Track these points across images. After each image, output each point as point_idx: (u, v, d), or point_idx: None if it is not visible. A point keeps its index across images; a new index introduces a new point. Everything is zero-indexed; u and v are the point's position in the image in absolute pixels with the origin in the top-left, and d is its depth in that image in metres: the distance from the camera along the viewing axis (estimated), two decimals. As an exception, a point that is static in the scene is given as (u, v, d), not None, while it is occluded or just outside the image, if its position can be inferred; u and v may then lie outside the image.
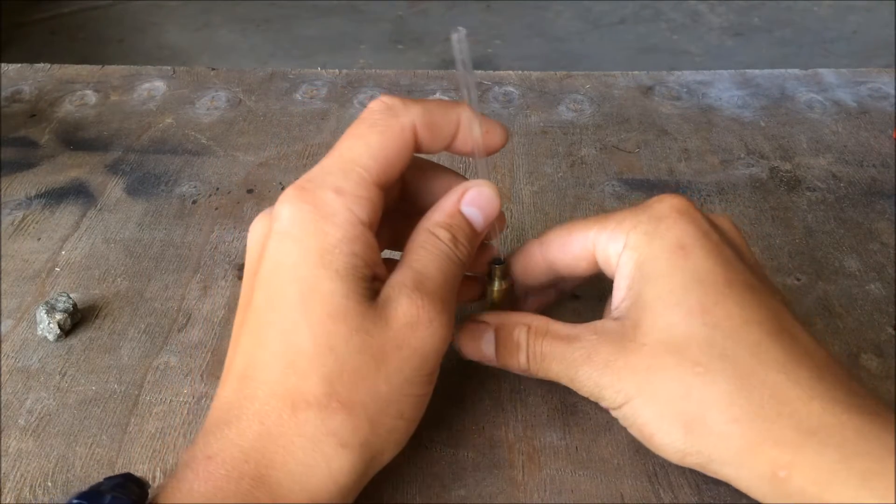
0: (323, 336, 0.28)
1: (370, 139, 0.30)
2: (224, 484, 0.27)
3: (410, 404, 0.30)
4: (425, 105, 0.32)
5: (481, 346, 0.35)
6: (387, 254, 0.36)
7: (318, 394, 0.28)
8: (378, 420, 0.28)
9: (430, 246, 0.31)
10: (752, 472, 0.29)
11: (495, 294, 0.37)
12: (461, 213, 0.32)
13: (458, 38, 0.30)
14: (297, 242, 0.29)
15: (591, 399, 0.32)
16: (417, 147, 0.32)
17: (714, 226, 0.33)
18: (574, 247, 0.34)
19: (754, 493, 0.29)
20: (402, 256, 0.32)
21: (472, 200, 0.32)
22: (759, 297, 0.31)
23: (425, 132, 0.31)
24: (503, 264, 0.36)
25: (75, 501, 0.26)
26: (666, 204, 0.32)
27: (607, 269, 0.34)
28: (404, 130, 0.31)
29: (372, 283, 0.30)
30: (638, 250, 0.32)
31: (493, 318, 0.35)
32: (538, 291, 0.38)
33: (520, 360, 0.34)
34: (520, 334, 0.34)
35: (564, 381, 0.33)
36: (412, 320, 0.29)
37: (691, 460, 0.30)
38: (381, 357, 0.28)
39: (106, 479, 0.27)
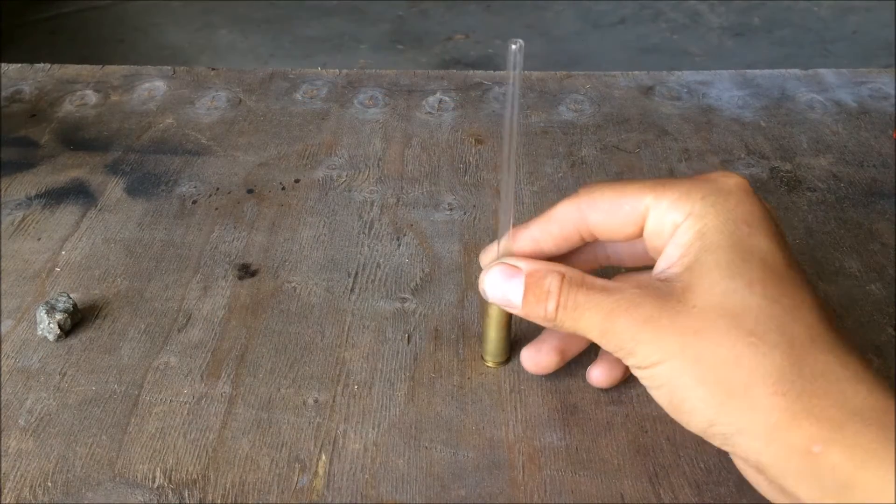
0: None
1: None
2: None
3: None
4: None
5: (507, 290, 0.33)
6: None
7: None
8: None
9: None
10: (783, 446, 0.28)
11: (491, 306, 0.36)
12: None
13: (517, 49, 0.30)
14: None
15: (618, 355, 0.31)
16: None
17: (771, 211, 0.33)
18: (624, 210, 0.33)
19: (777, 468, 0.29)
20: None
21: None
22: (810, 285, 0.31)
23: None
24: None
25: None
26: (732, 181, 0.32)
27: (655, 237, 0.33)
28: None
29: None
30: (703, 220, 0.31)
31: (523, 262, 0.34)
32: (562, 261, 0.36)
33: (547, 308, 0.32)
34: (552, 281, 0.32)
35: (593, 334, 0.32)
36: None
37: (716, 430, 0.30)
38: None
39: None
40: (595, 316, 0.31)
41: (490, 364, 0.39)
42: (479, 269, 0.44)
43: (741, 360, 0.29)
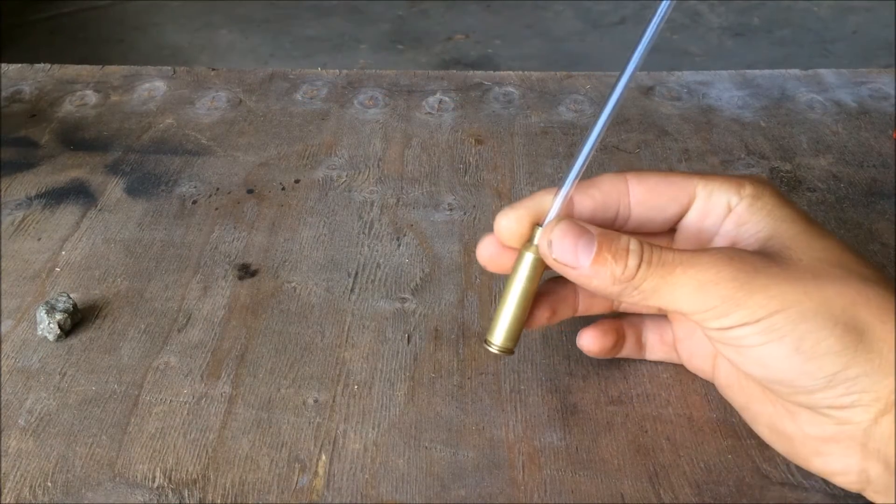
0: None
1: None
2: None
3: None
4: None
5: (576, 247, 0.31)
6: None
7: None
8: None
9: None
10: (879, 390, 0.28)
11: (531, 261, 0.33)
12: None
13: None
14: None
15: (712, 314, 0.30)
16: None
17: None
18: (671, 189, 0.34)
19: (857, 416, 0.29)
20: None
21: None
22: None
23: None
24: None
25: None
26: (763, 178, 0.34)
27: (704, 218, 0.34)
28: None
29: None
30: (762, 199, 0.32)
31: (594, 227, 0.32)
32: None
33: (628, 265, 0.30)
34: (630, 240, 0.31)
35: (687, 290, 0.30)
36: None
37: (847, 374, 0.29)
38: None
39: None
40: (689, 271, 0.30)
41: (494, 349, 0.34)
42: (480, 270, 0.44)
43: (869, 300, 0.29)
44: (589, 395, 0.37)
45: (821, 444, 0.31)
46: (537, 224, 0.33)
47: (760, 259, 0.30)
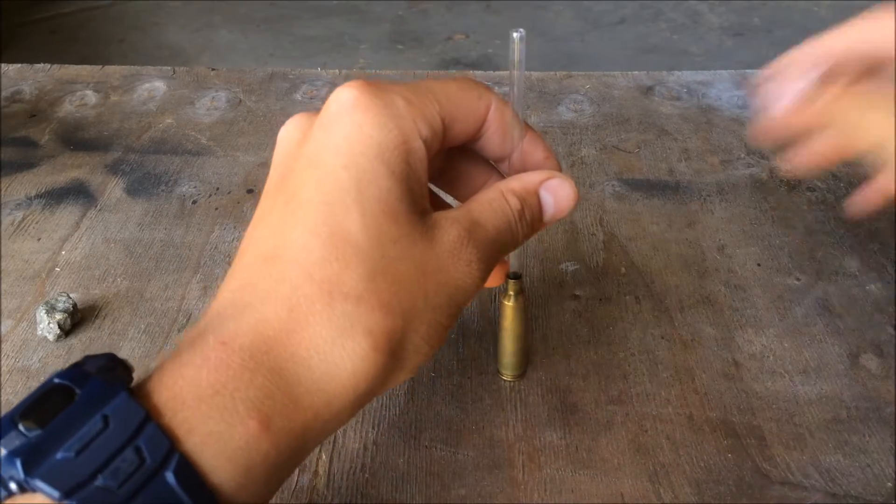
0: (374, 229, 0.26)
1: (450, 85, 0.30)
2: (238, 374, 0.24)
3: (437, 331, 0.28)
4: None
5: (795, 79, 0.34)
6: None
7: (359, 287, 0.25)
8: (410, 333, 0.26)
9: (496, 205, 0.30)
10: None
11: (509, 309, 0.36)
12: (538, 194, 0.31)
13: (519, 38, 0.30)
14: (358, 128, 0.27)
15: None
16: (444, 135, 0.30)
17: None
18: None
19: None
20: (463, 204, 0.30)
21: (554, 189, 0.31)
22: None
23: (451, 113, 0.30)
24: (519, 279, 0.36)
25: (57, 381, 0.23)
26: None
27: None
28: (481, 99, 0.30)
29: (422, 203, 0.28)
30: None
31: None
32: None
33: None
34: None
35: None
36: (455, 251, 0.27)
37: None
38: (423, 271, 0.27)
39: (88, 359, 0.25)
40: None
41: (507, 378, 0.38)
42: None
43: None
44: (589, 395, 0.37)
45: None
46: (507, 275, 0.35)
47: None
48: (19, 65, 0.64)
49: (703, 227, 0.47)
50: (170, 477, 0.22)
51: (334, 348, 0.25)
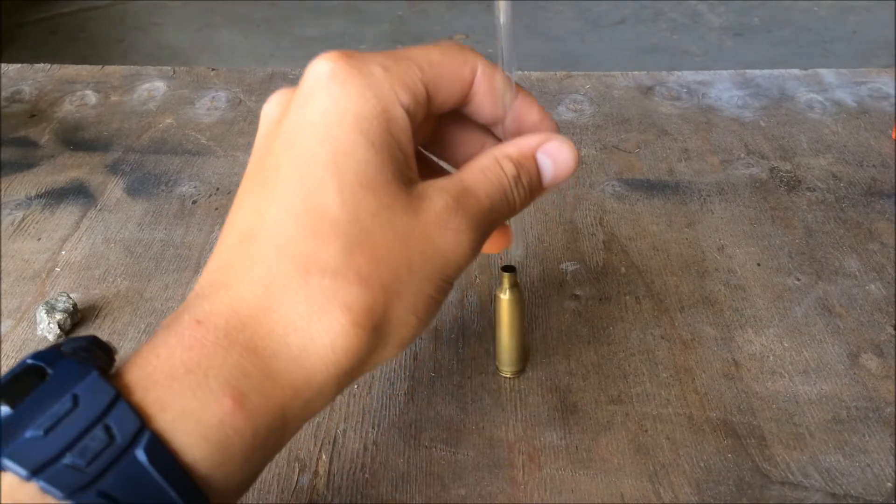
0: (351, 203, 0.25)
1: (432, 51, 0.29)
2: (212, 352, 0.24)
3: (424, 303, 0.27)
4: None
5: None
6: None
7: (336, 262, 0.25)
8: (393, 306, 0.26)
9: (489, 172, 0.29)
10: None
11: (504, 303, 0.36)
12: (535, 158, 0.30)
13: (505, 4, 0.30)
14: (335, 101, 0.26)
15: None
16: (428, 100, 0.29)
17: None
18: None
19: None
20: (456, 172, 0.29)
21: (552, 152, 0.31)
22: None
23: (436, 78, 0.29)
24: (513, 272, 0.36)
25: (30, 361, 0.23)
26: None
27: None
28: (466, 63, 0.29)
29: (406, 172, 0.27)
30: None
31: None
32: None
33: None
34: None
35: None
36: (442, 221, 0.27)
37: None
38: (406, 243, 0.26)
39: (68, 340, 0.25)
40: None
41: (506, 374, 0.38)
42: (480, 270, 0.44)
43: None
44: (589, 395, 0.37)
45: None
46: (503, 268, 0.36)
47: None
48: (19, 65, 0.64)
49: (702, 227, 0.47)
50: (140, 455, 0.21)
51: (311, 324, 0.25)
